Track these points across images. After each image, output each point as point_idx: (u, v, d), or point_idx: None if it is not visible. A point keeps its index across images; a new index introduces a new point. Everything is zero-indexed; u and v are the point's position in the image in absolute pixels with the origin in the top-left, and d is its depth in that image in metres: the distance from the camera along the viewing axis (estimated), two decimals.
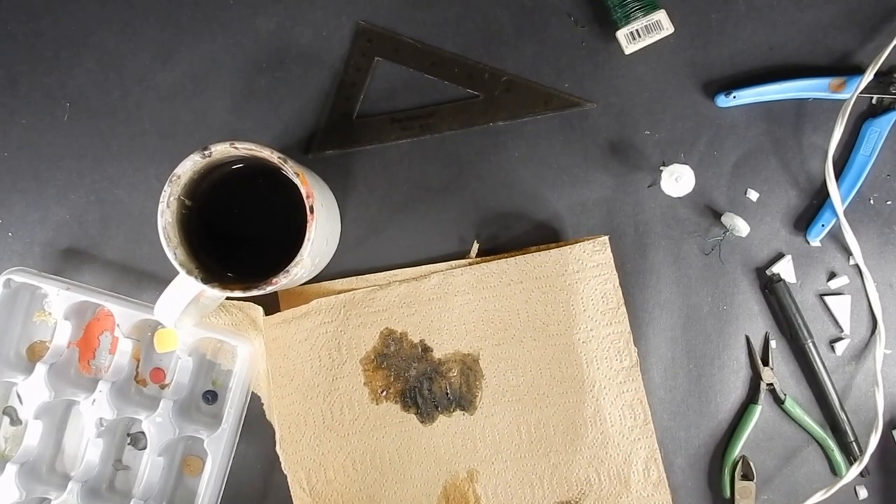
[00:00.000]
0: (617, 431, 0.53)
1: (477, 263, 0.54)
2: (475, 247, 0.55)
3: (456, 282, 0.54)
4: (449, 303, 0.54)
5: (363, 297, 0.54)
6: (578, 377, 0.53)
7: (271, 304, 0.55)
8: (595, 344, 0.53)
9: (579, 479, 0.53)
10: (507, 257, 0.54)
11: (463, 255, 0.55)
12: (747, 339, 0.54)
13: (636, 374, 0.53)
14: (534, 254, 0.54)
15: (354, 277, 0.55)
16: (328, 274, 0.55)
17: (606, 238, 0.53)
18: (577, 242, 0.54)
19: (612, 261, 0.53)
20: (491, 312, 0.54)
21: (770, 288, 0.54)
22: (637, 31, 0.52)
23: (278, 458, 0.54)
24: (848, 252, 0.53)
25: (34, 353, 0.56)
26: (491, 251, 0.55)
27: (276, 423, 0.54)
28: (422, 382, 0.54)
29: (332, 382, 0.54)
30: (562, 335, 0.54)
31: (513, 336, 0.54)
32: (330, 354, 0.54)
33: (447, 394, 0.54)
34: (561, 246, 0.54)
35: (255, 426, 0.55)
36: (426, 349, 0.54)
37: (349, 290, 0.55)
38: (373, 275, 0.55)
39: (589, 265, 0.53)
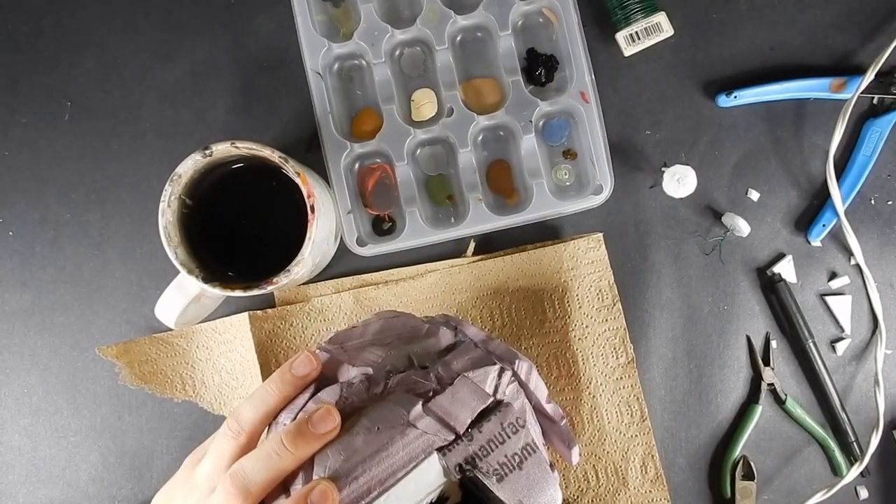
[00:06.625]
0: (614, 428, 0.53)
1: (474, 262, 0.54)
2: (472, 246, 0.55)
3: (453, 280, 0.54)
4: (446, 301, 0.54)
5: (360, 297, 0.54)
6: (575, 374, 0.53)
7: (269, 305, 0.55)
8: (591, 341, 0.53)
9: (577, 477, 0.53)
10: (503, 255, 0.54)
11: (460, 253, 0.55)
12: (748, 339, 0.54)
13: (633, 370, 0.53)
14: (529, 251, 0.54)
15: (352, 277, 0.55)
16: (328, 274, 0.55)
17: (601, 235, 0.54)
18: (571, 240, 0.54)
19: (606, 258, 0.53)
20: (488, 311, 0.54)
21: (771, 288, 0.54)
22: (636, 33, 0.52)
23: None
24: (849, 252, 0.53)
25: None
26: (488, 250, 0.55)
27: None
28: None
29: None
30: (558, 332, 0.54)
31: (510, 333, 0.54)
32: None
33: None
34: (556, 244, 0.54)
35: None
36: None
37: (346, 290, 0.55)
38: (370, 274, 0.55)
39: (583, 262, 0.53)
